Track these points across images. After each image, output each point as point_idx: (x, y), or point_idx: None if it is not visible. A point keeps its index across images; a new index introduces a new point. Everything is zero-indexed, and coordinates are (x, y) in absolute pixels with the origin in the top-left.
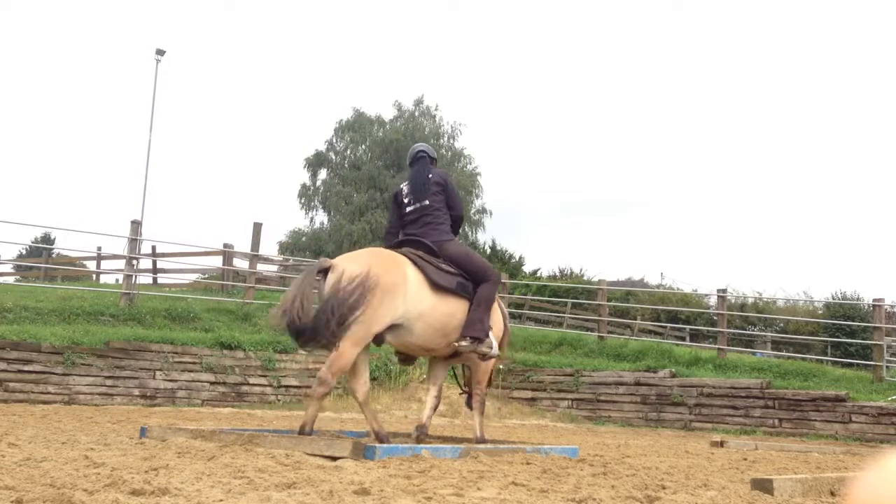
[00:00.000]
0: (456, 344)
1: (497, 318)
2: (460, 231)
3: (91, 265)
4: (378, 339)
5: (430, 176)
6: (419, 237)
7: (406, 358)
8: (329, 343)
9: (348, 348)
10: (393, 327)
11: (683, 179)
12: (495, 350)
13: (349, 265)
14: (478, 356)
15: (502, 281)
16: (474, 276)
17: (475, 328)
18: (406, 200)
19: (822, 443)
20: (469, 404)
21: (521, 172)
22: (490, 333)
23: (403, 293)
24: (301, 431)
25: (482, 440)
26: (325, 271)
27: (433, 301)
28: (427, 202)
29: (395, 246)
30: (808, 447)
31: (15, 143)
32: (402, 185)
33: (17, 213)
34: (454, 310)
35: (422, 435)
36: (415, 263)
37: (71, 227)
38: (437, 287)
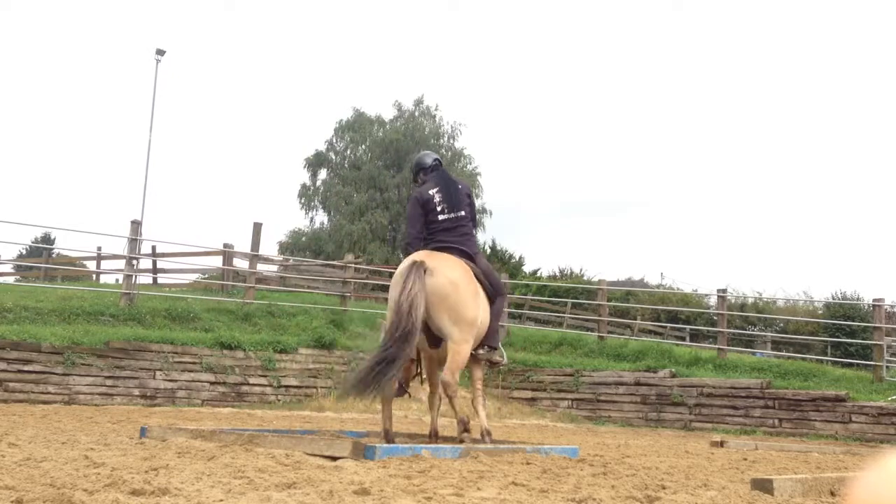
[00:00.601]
0: (474, 351)
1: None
2: None
3: (91, 265)
4: (437, 342)
5: (461, 187)
6: (458, 246)
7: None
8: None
9: (468, 349)
10: None
11: (683, 179)
12: (505, 359)
13: (449, 271)
14: (489, 363)
15: (503, 281)
16: (494, 289)
17: (493, 338)
18: (439, 208)
19: (822, 443)
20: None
21: (521, 172)
22: (500, 343)
23: (482, 301)
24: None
25: (489, 432)
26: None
27: (487, 311)
28: (462, 213)
29: (437, 251)
30: (808, 447)
31: (15, 143)
32: (431, 192)
33: (17, 213)
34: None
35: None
36: (475, 276)
37: (71, 227)
38: (489, 298)
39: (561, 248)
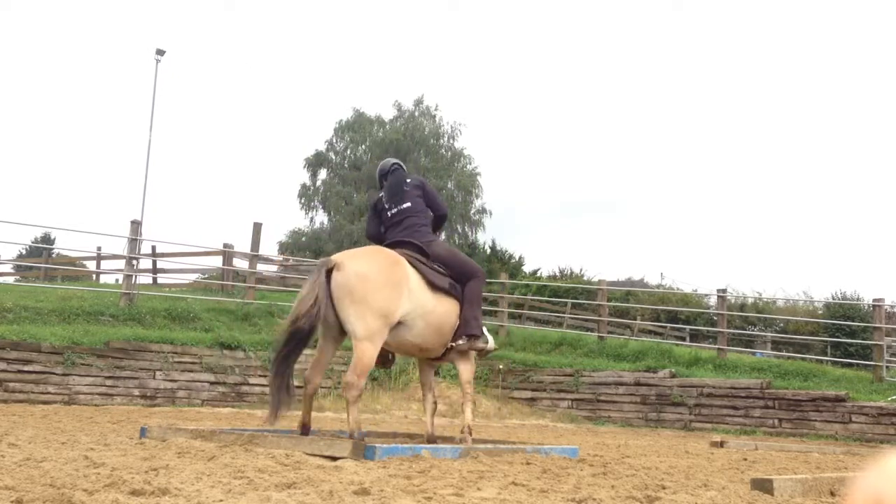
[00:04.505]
0: (453, 343)
1: None
2: (461, 230)
3: (91, 265)
4: None
5: (409, 180)
6: (406, 238)
7: (385, 361)
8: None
9: (369, 347)
10: (394, 325)
11: (683, 179)
12: (492, 343)
13: (355, 263)
14: (476, 352)
15: (503, 281)
16: (461, 275)
17: (471, 326)
18: (387, 206)
19: (822, 443)
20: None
21: (521, 172)
22: (484, 328)
23: (408, 290)
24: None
25: (470, 430)
26: (330, 270)
27: (433, 301)
28: (408, 204)
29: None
30: (808, 447)
31: (15, 143)
32: (380, 194)
33: (17, 213)
34: (449, 309)
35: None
36: (411, 264)
37: (71, 227)
38: (434, 287)
39: (561, 248)
